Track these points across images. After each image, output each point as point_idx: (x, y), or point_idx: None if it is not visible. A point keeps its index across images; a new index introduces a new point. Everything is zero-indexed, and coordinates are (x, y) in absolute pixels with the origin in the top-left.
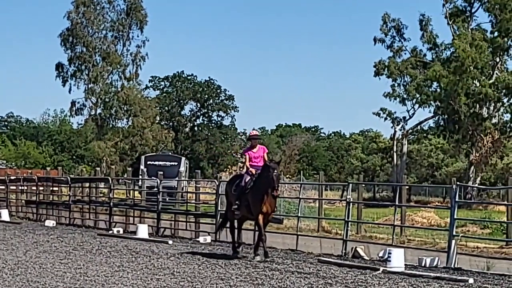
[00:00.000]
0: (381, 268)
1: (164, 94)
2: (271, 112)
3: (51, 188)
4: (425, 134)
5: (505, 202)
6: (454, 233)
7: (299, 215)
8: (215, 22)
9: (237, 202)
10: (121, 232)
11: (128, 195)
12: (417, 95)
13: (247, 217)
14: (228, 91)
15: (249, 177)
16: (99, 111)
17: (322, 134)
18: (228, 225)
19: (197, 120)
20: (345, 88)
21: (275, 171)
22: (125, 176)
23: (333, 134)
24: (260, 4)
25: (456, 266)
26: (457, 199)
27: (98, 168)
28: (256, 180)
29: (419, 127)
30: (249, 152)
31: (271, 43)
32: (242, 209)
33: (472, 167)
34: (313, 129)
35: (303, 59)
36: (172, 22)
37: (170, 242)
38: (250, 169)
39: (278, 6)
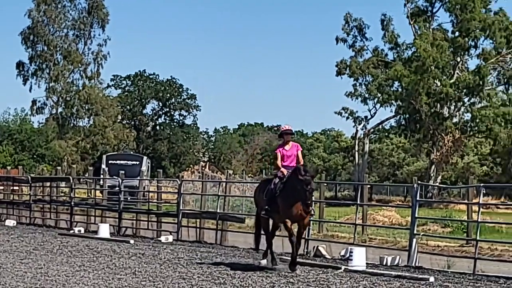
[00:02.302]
0: (343, 267)
1: (126, 93)
2: (233, 111)
3: (11, 188)
4: (386, 133)
5: (466, 201)
6: (415, 232)
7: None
8: (177, 21)
9: (267, 207)
10: (82, 231)
11: (89, 194)
12: (379, 95)
13: (278, 223)
14: (190, 90)
15: (278, 180)
16: (60, 110)
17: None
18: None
19: (159, 119)
20: (307, 88)
21: (309, 186)
22: (87, 175)
23: (295, 133)
24: (222, 2)
25: (417, 264)
26: (418, 198)
27: (59, 168)
28: (287, 184)
29: (380, 126)
30: (280, 150)
31: (233, 42)
32: (273, 214)
33: (433, 166)
34: (275, 128)
35: (265, 58)
36: (134, 21)
37: (132, 241)
38: (282, 169)
39: (240, 5)
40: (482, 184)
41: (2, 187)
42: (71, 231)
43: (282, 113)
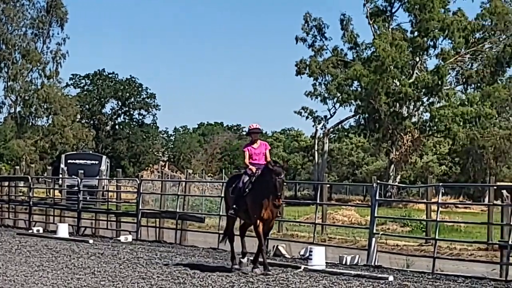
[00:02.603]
0: (302, 266)
1: (85, 92)
2: (192, 110)
3: None
4: (346, 133)
5: (424, 200)
6: (374, 231)
7: (220, 213)
8: (136, 21)
9: (234, 206)
10: (41, 231)
11: (48, 194)
12: (338, 94)
13: (248, 223)
14: (150, 89)
15: (247, 178)
16: (18, 109)
17: (244, 133)
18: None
19: (118, 118)
20: (267, 87)
21: (279, 176)
22: (45, 175)
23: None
24: (181, 1)
25: (376, 264)
26: (377, 197)
27: (17, 167)
28: (256, 182)
29: (340, 126)
30: (248, 148)
31: (193, 41)
32: (241, 213)
33: (392, 166)
34: (235, 128)
35: (225, 58)
36: (93, 20)
37: (91, 241)
38: (250, 166)
39: (199, 4)
40: (441, 184)
41: None
42: (30, 231)
43: (242, 113)
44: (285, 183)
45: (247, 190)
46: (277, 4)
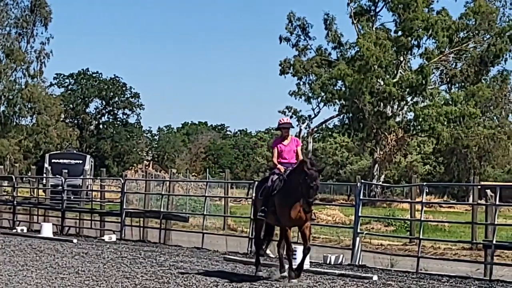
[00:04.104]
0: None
1: (69, 91)
2: (177, 110)
3: None
4: (330, 132)
5: (408, 200)
6: (358, 231)
7: (204, 213)
8: (120, 20)
9: (263, 207)
10: (25, 230)
11: (32, 193)
12: (322, 94)
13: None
14: (134, 88)
15: (276, 176)
16: (2, 108)
17: (228, 132)
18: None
19: (102, 118)
20: (251, 87)
21: (314, 182)
22: (29, 174)
23: (239, 132)
24: (165, 1)
25: (360, 263)
26: (361, 197)
27: (1, 167)
28: (287, 182)
29: (324, 125)
30: (279, 145)
31: (177, 40)
32: (270, 216)
33: (376, 165)
34: (219, 127)
35: (209, 57)
36: (77, 20)
37: (75, 240)
38: (278, 166)
39: (184, 4)
40: (425, 183)
41: None
42: (14, 230)
43: (226, 112)
44: (319, 187)
45: (276, 189)
46: (261, 4)
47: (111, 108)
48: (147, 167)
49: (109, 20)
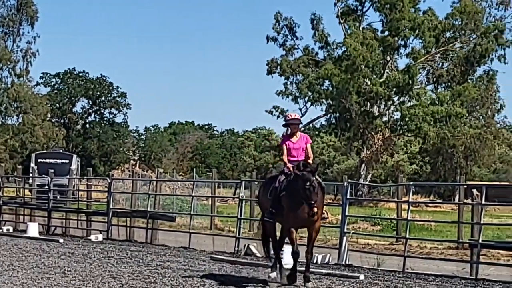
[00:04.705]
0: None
1: (55, 91)
2: (164, 109)
3: None
4: (317, 132)
5: (395, 199)
6: (345, 230)
7: (191, 212)
8: (106, 19)
9: (271, 209)
10: (11, 230)
11: (18, 193)
12: (309, 93)
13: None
14: (121, 88)
15: (284, 177)
16: None
17: (215, 132)
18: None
19: (89, 117)
20: (238, 86)
21: (308, 183)
22: (15, 174)
23: (226, 132)
24: (151, 1)
25: (347, 262)
26: (348, 196)
27: None
28: (291, 184)
29: (311, 125)
30: (287, 142)
31: (164, 40)
32: (279, 218)
33: (363, 165)
34: (206, 127)
35: (196, 57)
36: (63, 19)
37: (61, 240)
38: (288, 164)
39: (170, 3)
40: (411, 183)
41: None
42: (0, 230)
43: (213, 112)
44: (315, 186)
45: (283, 190)
46: (248, 4)
47: (97, 107)
48: (133, 167)
49: (96, 20)
